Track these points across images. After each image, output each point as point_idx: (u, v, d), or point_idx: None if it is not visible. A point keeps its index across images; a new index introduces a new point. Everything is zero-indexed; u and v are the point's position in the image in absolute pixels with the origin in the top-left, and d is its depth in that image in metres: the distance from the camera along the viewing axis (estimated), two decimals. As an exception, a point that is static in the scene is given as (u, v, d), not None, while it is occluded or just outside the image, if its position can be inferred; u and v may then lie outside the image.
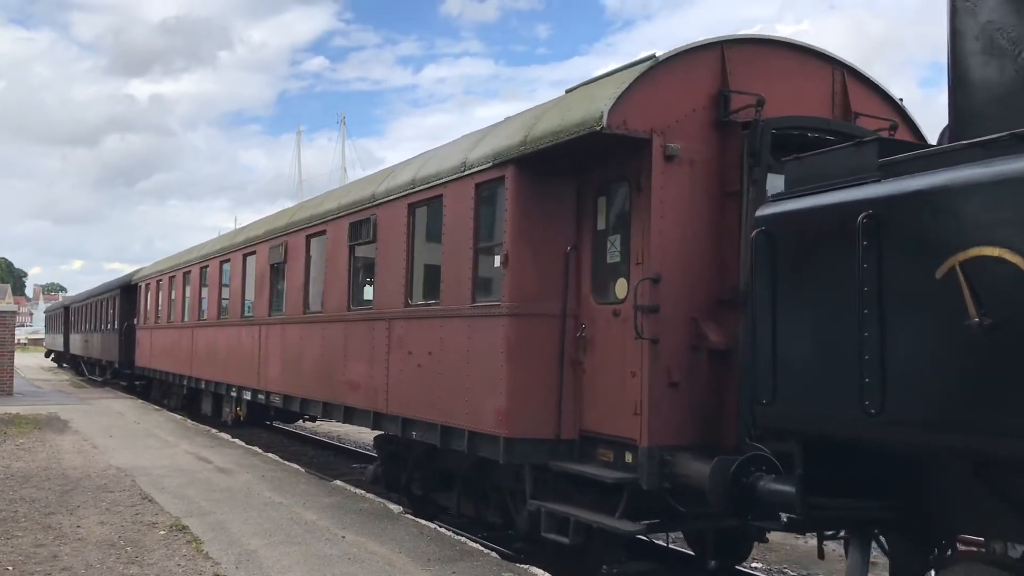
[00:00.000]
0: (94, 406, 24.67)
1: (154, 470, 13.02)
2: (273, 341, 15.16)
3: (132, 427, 19.19)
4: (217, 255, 19.09)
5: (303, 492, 11.61)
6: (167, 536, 8.83)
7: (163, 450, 15.40)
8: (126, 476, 12.37)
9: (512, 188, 8.50)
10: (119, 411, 23.13)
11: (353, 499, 11.38)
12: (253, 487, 11.86)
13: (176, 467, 13.47)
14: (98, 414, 22.08)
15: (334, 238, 12.77)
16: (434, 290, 10.10)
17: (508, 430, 8.36)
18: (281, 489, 11.75)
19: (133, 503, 10.48)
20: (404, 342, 10.53)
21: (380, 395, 11.07)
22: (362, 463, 17.17)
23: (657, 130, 7.57)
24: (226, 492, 11.44)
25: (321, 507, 10.58)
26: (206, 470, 13.32)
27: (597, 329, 8.15)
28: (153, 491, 11.25)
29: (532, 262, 8.45)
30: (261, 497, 11.11)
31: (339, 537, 8.97)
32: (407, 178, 10.71)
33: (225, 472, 13.18)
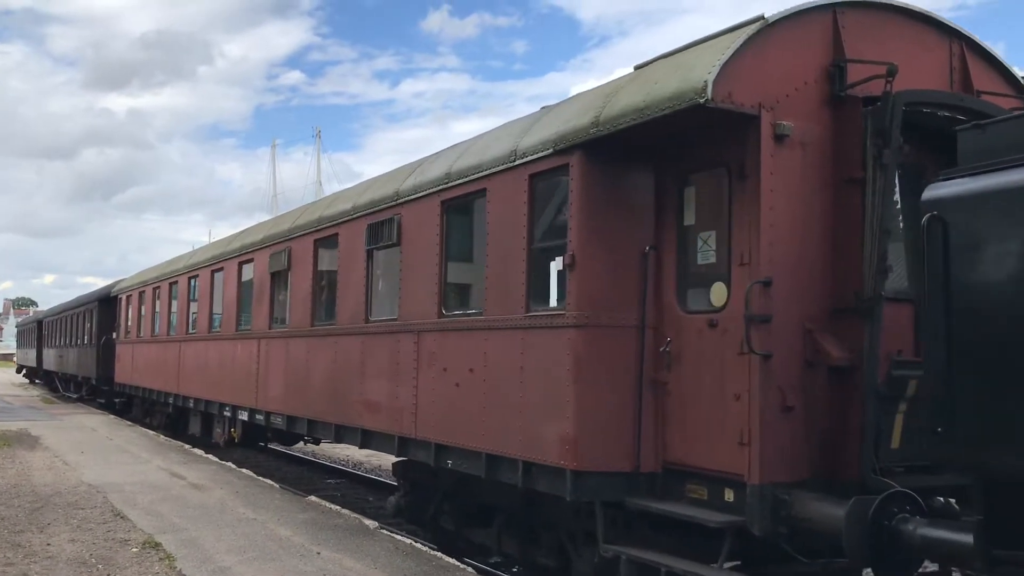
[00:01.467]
0: (66, 422, 24.36)
1: (126, 486, 12.79)
2: (274, 356, 13.78)
3: (104, 443, 18.92)
4: (208, 264, 17.69)
5: (277, 508, 11.44)
6: (140, 553, 8.64)
7: (136, 466, 15.22)
8: (98, 493, 12.16)
9: (579, 178, 7.25)
10: (91, 427, 22.82)
11: (328, 515, 11.24)
12: (227, 503, 11.68)
13: (149, 483, 13.23)
14: (70, 430, 21.83)
15: (348, 242, 11.46)
16: (475, 298, 8.83)
17: (577, 461, 7.09)
18: (255, 505, 11.60)
19: (105, 520, 10.26)
20: (437, 358, 9.23)
21: (406, 417, 9.75)
22: (336, 478, 17.29)
23: (766, 105, 6.36)
24: (200, 508, 11.25)
25: (296, 523, 10.42)
26: (179, 486, 13.08)
27: (685, 343, 6.91)
28: (125, 508, 11.07)
29: (604, 264, 7.21)
30: (235, 513, 10.94)
31: (314, 553, 8.81)
32: (440, 172, 9.43)
33: (199, 488, 12.93)
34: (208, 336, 17.34)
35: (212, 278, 17.39)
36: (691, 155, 6.98)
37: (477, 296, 8.75)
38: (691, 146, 6.94)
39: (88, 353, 32.28)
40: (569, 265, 7.23)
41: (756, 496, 6.16)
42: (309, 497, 12.79)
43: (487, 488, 9.02)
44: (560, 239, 7.52)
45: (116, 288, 27.59)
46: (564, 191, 7.45)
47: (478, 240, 8.83)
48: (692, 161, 6.98)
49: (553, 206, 7.80)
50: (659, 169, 7.24)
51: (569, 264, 7.23)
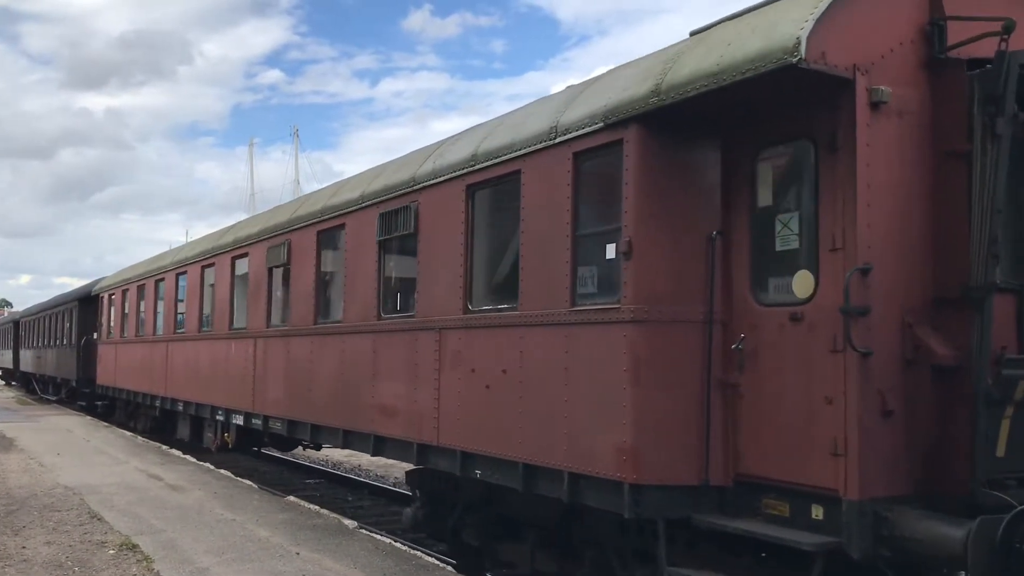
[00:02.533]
0: (42, 423, 24.11)
1: (103, 488, 12.66)
2: (273, 357, 12.89)
3: (81, 444, 18.72)
4: (197, 259, 16.73)
5: (256, 508, 11.33)
6: (117, 555, 8.56)
7: (113, 467, 15.04)
8: (74, 495, 12.05)
9: (636, 154, 6.43)
10: (68, 428, 22.61)
11: (307, 515, 11.16)
12: (205, 504, 11.58)
13: (126, 484, 13.09)
14: (46, 431, 21.59)
15: (357, 233, 10.59)
16: (508, 291, 7.99)
17: (636, 474, 6.27)
18: (234, 506, 11.50)
19: (81, 522, 10.16)
20: (463, 357, 8.39)
21: (427, 423, 8.91)
22: (315, 478, 17.12)
23: (861, 68, 5.57)
24: (178, 509, 11.13)
25: (275, 523, 10.35)
26: (157, 487, 12.97)
27: (763, 339, 6.10)
28: (102, 509, 10.96)
29: (664, 252, 6.40)
30: (213, 514, 10.84)
31: (293, 554, 8.74)
32: (464, 153, 8.59)
33: (176, 489, 12.81)
34: (198, 335, 16.40)
35: (202, 274, 16.44)
36: (767, 127, 6.17)
37: (509, 289, 7.91)
38: (767, 116, 6.14)
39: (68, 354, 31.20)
40: (625, 253, 6.42)
41: (855, 514, 5.38)
42: (288, 497, 12.69)
43: (519, 500, 8.21)
44: (612, 224, 6.70)
45: (97, 287, 26.52)
46: (617, 170, 6.63)
47: (510, 227, 7.99)
48: (768, 133, 6.18)
49: (603, 187, 6.97)
50: (727, 143, 6.44)
51: (625, 252, 6.41)
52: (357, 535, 9.88)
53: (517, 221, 7.73)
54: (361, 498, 15.17)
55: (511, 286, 7.87)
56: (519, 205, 7.69)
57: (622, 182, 6.52)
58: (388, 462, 15.91)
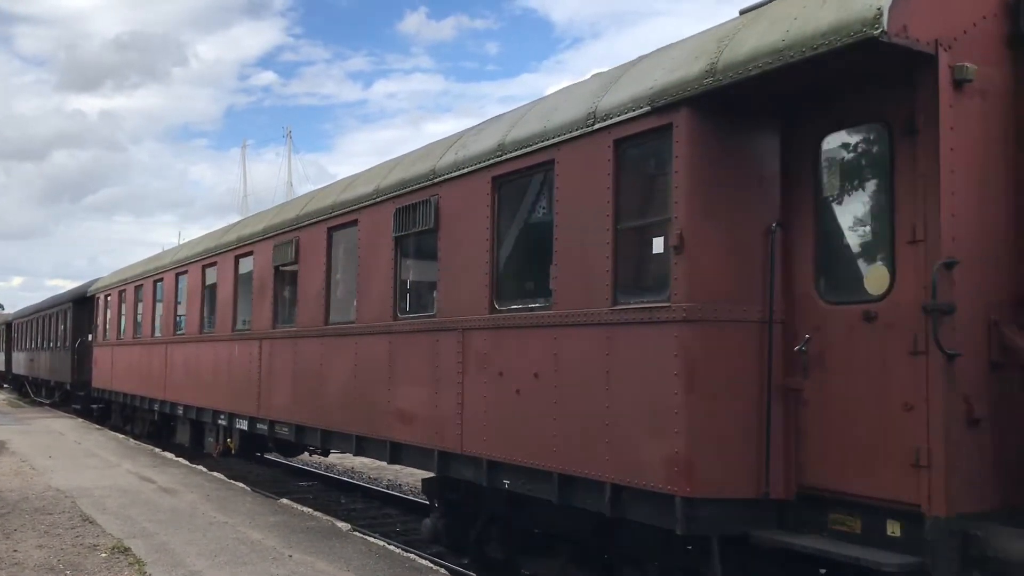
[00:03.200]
0: (33, 426, 23.87)
1: (95, 491, 12.56)
2: (280, 359, 12.37)
3: (73, 447, 18.61)
4: (198, 259, 16.19)
5: (249, 511, 11.25)
6: (109, 559, 8.52)
7: (105, 470, 14.93)
8: (66, 498, 11.94)
9: (688, 140, 5.94)
10: (59, 431, 22.42)
11: (300, 517, 11.06)
12: (197, 507, 11.49)
13: (118, 487, 12.96)
14: (38, 434, 21.41)
15: (371, 229, 10.08)
16: (539, 289, 7.50)
17: (691, 486, 5.78)
18: (226, 508, 11.41)
19: (73, 525, 10.07)
20: (490, 360, 7.89)
21: (449, 429, 8.41)
22: (308, 480, 16.99)
23: (943, 43, 5.09)
24: (170, 512, 11.03)
25: (267, 526, 10.27)
26: (149, 490, 12.87)
27: (831, 341, 5.61)
28: (94, 512, 10.87)
29: (719, 245, 5.91)
30: (206, 517, 10.76)
31: (286, 556, 8.68)
32: (490, 144, 8.09)
33: (169, 492, 12.71)
34: (200, 337, 15.86)
35: (203, 274, 15.90)
36: (833, 109, 5.68)
37: (541, 287, 7.42)
38: (834, 98, 5.66)
39: (62, 357, 30.64)
40: (675, 247, 5.92)
41: (941, 531, 4.89)
42: (281, 500, 12.61)
43: (549, 512, 7.72)
44: (659, 216, 6.21)
45: (93, 287, 25.95)
46: (665, 157, 6.14)
47: (541, 221, 7.51)
48: (835, 117, 5.69)
49: (648, 176, 6.49)
50: (787, 128, 5.95)
51: (675, 246, 5.92)
52: (350, 537, 9.79)
53: (550, 214, 7.24)
54: (354, 500, 15.00)
55: (543, 284, 7.37)
56: (552, 197, 7.20)
57: (671, 170, 6.03)
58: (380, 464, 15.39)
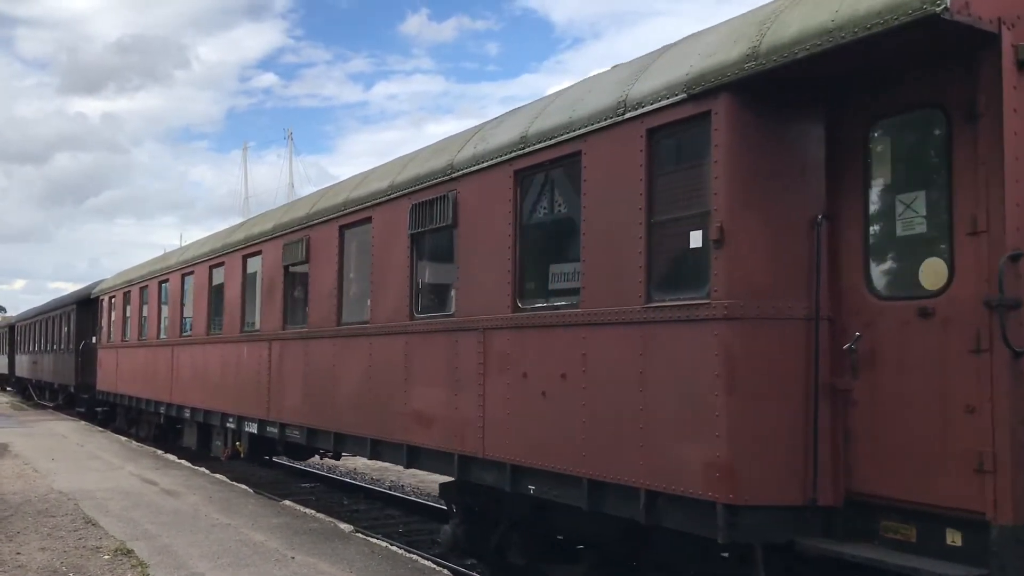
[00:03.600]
0: (36, 429, 23.83)
1: (98, 493, 12.54)
2: (290, 360, 12.08)
3: (75, 449, 18.58)
4: (205, 259, 15.91)
5: (251, 513, 11.20)
6: (111, 561, 8.48)
7: (107, 472, 14.90)
8: (69, 500, 11.92)
9: (728, 128, 5.64)
10: (62, 433, 22.34)
11: (302, 519, 10.98)
12: (200, 509, 11.43)
13: (121, 490, 12.93)
14: (40, 437, 21.40)
15: (386, 226, 9.78)
16: (565, 287, 7.21)
17: (733, 493, 5.48)
18: (229, 510, 11.34)
19: (76, 528, 10.04)
20: (512, 360, 7.60)
21: (470, 433, 8.11)
22: (311, 482, 16.87)
23: (1006, 21, 4.79)
24: (172, 514, 10.98)
25: (270, 527, 10.21)
26: (152, 492, 12.81)
27: (883, 338, 5.31)
28: (97, 515, 10.84)
29: (761, 239, 5.62)
30: (208, 519, 10.70)
31: (288, 558, 8.63)
32: (512, 136, 7.80)
33: (171, 494, 12.64)
34: (207, 339, 15.57)
35: (210, 274, 15.61)
36: (884, 94, 5.38)
37: (567, 284, 7.13)
38: (884, 81, 5.36)
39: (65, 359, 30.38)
40: (715, 240, 5.62)
41: (1008, 540, 4.60)
42: (283, 501, 12.56)
43: (573, 518, 7.43)
44: (697, 208, 5.91)
45: (97, 289, 25.66)
46: (703, 147, 5.84)
47: (568, 216, 7.21)
48: (885, 101, 5.39)
49: (684, 166, 6.19)
50: (834, 114, 5.65)
51: (715, 239, 5.62)
52: (353, 539, 9.73)
53: (577, 208, 6.94)
54: (357, 502, 14.91)
55: (570, 281, 7.08)
56: (579, 190, 6.91)
57: (710, 160, 5.74)
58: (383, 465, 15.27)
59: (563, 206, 7.31)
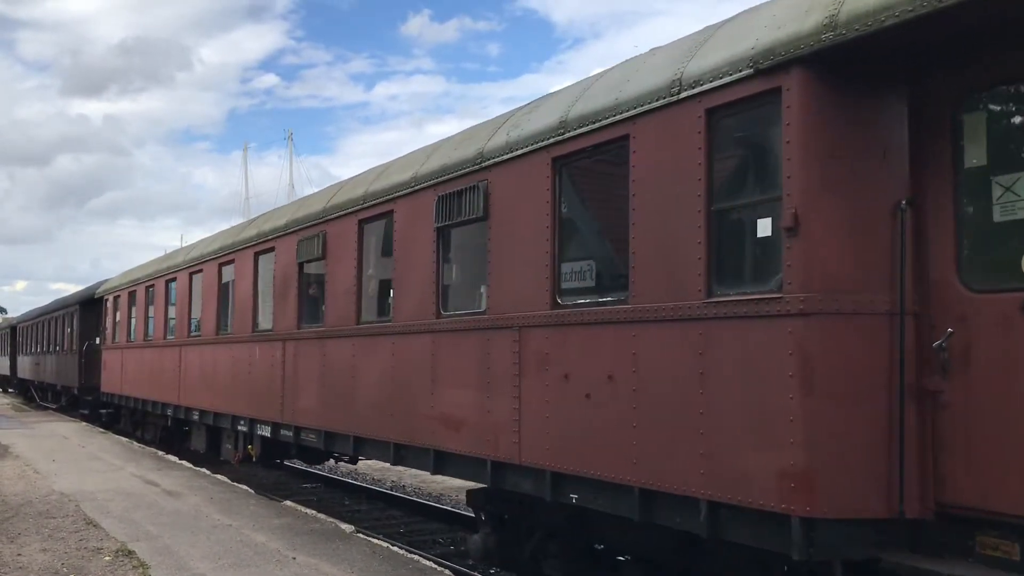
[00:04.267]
0: (37, 430, 23.85)
1: (99, 494, 12.51)
2: (306, 361, 11.59)
3: (76, 451, 18.57)
4: (214, 256, 15.42)
5: (252, 513, 11.16)
6: (112, 562, 8.46)
7: (109, 473, 14.86)
8: (70, 501, 11.89)
9: (801, 105, 5.15)
10: (63, 435, 22.33)
11: (304, 519, 10.95)
12: (201, 509, 11.40)
13: (122, 491, 12.90)
14: (41, 438, 21.36)
15: (409, 220, 9.30)
16: (613, 281, 6.73)
17: (810, 505, 4.99)
18: (230, 511, 11.30)
19: (77, 529, 10.03)
20: (552, 360, 7.11)
21: (504, 437, 7.63)
22: (312, 483, 16.78)
23: None
24: (174, 515, 10.95)
25: (271, 528, 10.18)
26: (153, 493, 12.79)
27: (979, 335, 4.82)
28: (98, 516, 10.82)
29: (840, 226, 5.13)
30: (210, 519, 10.69)
31: (290, 559, 8.61)
32: (549, 121, 7.31)
33: (173, 495, 12.63)
34: (216, 339, 15.08)
35: (220, 272, 15.13)
36: (978, 66, 4.89)
37: (615, 279, 6.65)
38: (978, 52, 4.87)
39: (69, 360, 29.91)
40: (789, 228, 5.13)
41: None
42: (285, 502, 12.52)
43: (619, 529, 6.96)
44: (766, 194, 5.43)
45: (101, 289, 25.18)
46: (772, 126, 5.35)
47: (614, 204, 6.72)
48: (979, 74, 4.90)
49: (750, 148, 5.71)
50: (918, 90, 5.16)
51: (789, 227, 5.13)
52: (354, 539, 9.73)
53: (624, 197, 6.45)
54: (359, 502, 14.85)
55: (618, 274, 6.60)
56: (627, 177, 6.41)
57: (781, 141, 5.24)
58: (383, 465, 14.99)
59: (608, 194, 6.81)
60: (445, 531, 12.50)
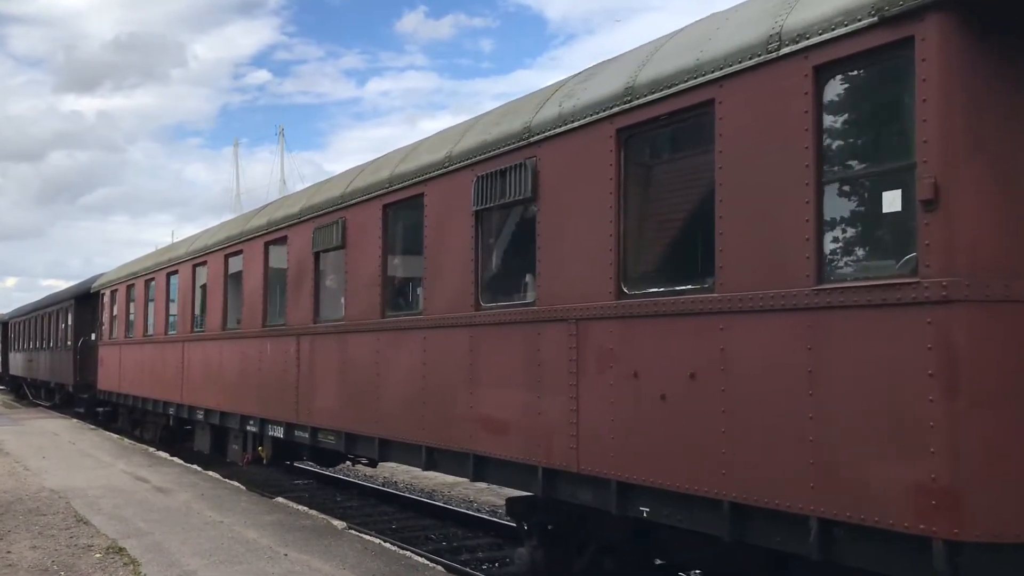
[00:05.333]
0: (27, 427, 23.56)
1: (90, 491, 12.40)
2: (323, 357, 10.79)
3: (67, 447, 18.42)
4: (220, 247, 14.60)
5: (244, 510, 11.07)
6: (103, 559, 8.41)
7: (99, 470, 14.72)
8: (60, 498, 11.78)
9: (941, 57, 4.38)
10: (54, 431, 22.15)
11: (295, 516, 10.86)
12: (192, 506, 11.31)
13: (113, 487, 12.78)
14: (31, 435, 21.13)
15: (442, 203, 8.50)
16: (693, 266, 5.95)
17: (956, 525, 4.23)
18: (221, 507, 11.20)
19: (67, 526, 9.95)
20: (618, 357, 6.33)
21: (558, 442, 6.85)
22: (305, 479, 16.57)
23: None
24: (164, 512, 10.85)
25: (262, 524, 10.10)
26: (144, 490, 12.67)
27: None
28: (88, 513, 10.73)
29: (990, 198, 4.36)
30: (201, 516, 10.61)
31: (281, 555, 8.55)
32: (611, 88, 6.51)
33: (163, 491, 12.52)
34: (223, 335, 14.26)
35: (226, 264, 14.30)
36: None
37: (697, 263, 5.87)
38: None
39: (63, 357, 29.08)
40: (927, 201, 4.36)
41: None
42: (276, 499, 12.39)
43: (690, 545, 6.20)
44: (895, 161, 4.65)
45: (98, 283, 24.32)
46: (901, 83, 4.58)
47: (695, 178, 5.94)
48: None
49: (872, 109, 4.93)
50: (1082, 37, 4.39)
51: (927, 200, 4.35)
52: (346, 535, 9.68)
53: (709, 169, 5.66)
54: (350, 498, 14.64)
55: (701, 258, 5.81)
56: (712, 146, 5.63)
57: (914, 99, 4.47)
58: None
59: (687, 167, 6.04)
60: (437, 527, 12.28)
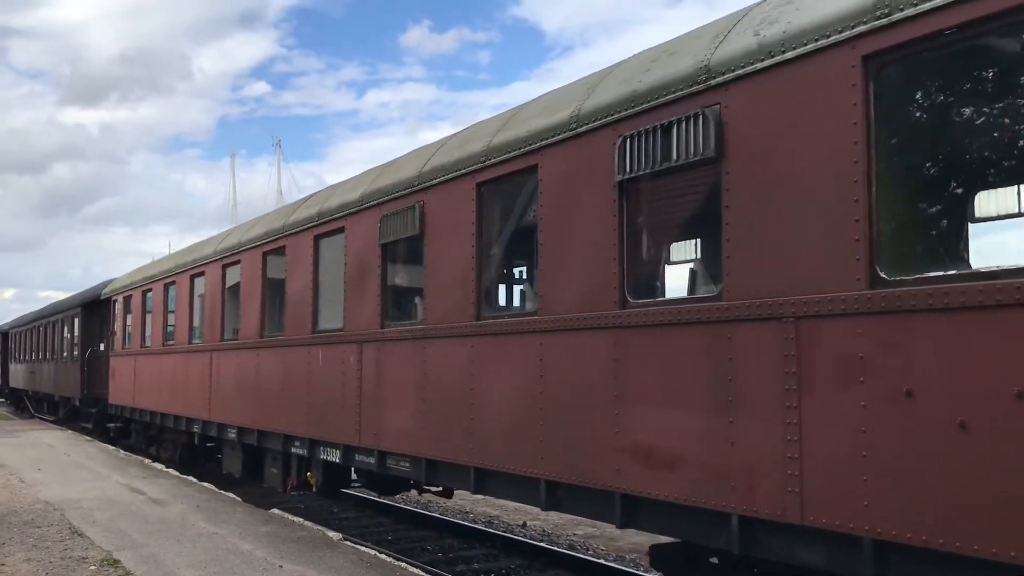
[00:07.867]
0: (23, 439, 23.30)
1: (85, 503, 12.36)
2: (395, 369, 9.05)
3: (62, 459, 18.32)
4: (255, 244, 12.85)
5: (239, 521, 10.98)
6: (98, 571, 8.36)
7: (94, 482, 14.62)
8: (55, 510, 11.74)
9: None
10: (49, 443, 21.96)
11: (290, 527, 10.72)
12: (188, 518, 11.24)
13: (108, 499, 12.72)
14: (27, 447, 20.92)
15: (566, 176, 6.77)
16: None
17: None
18: (216, 519, 11.14)
19: (62, 538, 9.91)
20: (869, 369, 4.61)
21: (764, 482, 5.13)
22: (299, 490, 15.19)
23: None
24: (160, 523, 10.79)
25: (257, 536, 10.00)
26: (139, 501, 12.57)
27: None
28: (83, 525, 10.68)
29: None
30: (196, 528, 10.54)
31: (276, 567, 8.45)
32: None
33: (159, 503, 12.41)
34: (260, 343, 12.50)
35: (264, 263, 12.55)
36: None
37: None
38: None
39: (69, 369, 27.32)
40: None
41: None
42: (272, 510, 12.16)
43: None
44: None
45: (108, 289, 22.53)
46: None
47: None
48: None
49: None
50: None
51: None
52: (341, 547, 9.57)
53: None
54: (346, 510, 14.30)
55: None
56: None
57: None
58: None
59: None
60: (433, 538, 12.03)
